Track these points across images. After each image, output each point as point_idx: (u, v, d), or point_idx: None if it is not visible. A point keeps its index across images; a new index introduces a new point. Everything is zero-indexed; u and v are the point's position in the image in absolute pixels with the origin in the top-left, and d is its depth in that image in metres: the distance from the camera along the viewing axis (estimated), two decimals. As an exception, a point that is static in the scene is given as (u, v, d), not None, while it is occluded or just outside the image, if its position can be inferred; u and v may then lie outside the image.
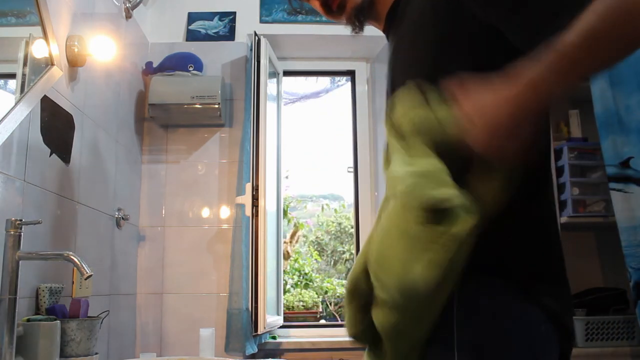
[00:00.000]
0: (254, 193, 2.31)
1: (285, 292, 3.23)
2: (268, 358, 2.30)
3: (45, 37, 1.54)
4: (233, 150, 2.51)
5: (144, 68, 2.46)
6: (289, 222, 3.68)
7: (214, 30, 2.62)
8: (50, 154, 1.57)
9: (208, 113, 2.40)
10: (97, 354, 1.52)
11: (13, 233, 1.24)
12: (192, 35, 2.61)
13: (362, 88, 2.85)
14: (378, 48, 2.70)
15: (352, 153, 2.81)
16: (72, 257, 1.24)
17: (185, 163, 2.50)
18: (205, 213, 2.47)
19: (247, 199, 2.32)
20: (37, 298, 1.47)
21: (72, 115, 1.72)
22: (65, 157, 1.67)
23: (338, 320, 3.03)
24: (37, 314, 1.44)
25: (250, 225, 2.31)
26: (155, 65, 2.45)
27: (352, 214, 3.00)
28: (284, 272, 3.09)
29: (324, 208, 4.14)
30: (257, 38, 2.46)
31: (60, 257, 1.28)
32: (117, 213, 2.13)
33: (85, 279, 1.31)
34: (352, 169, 2.79)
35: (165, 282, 2.40)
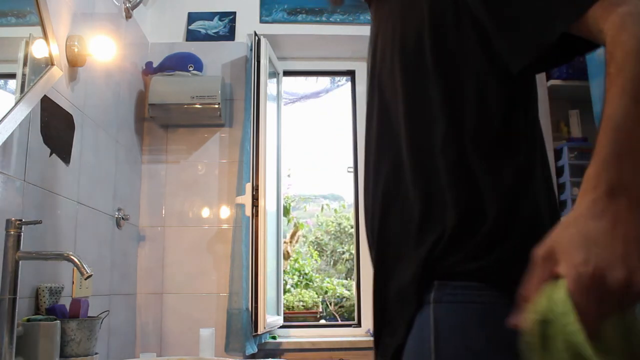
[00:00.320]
0: (254, 193, 2.31)
1: (285, 292, 3.23)
2: (268, 358, 2.30)
3: (45, 37, 1.54)
4: (233, 150, 2.51)
5: (144, 68, 2.46)
6: (289, 222, 3.67)
7: (214, 30, 2.62)
8: (50, 154, 1.57)
9: (208, 113, 2.40)
10: (97, 354, 1.52)
11: (13, 233, 1.24)
12: (192, 35, 2.61)
13: (362, 88, 2.85)
14: (378, 48, 2.70)
15: (352, 153, 2.81)
16: (72, 257, 1.24)
17: (185, 163, 2.50)
18: (205, 213, 2.47)
19: (247, 199, 2.32)
20: (37, 298, 1.47)
21: (72, 115, 1.72)
22: (65, 157, 1.67)
23: (338, 320, 3.03)
24: (37, 314, 1.44)
25: (250, 225, 2.31)
26: (155, 65, 2.45)
27: (352, 214, 3.00)
28: (284, 272, 3.09)
29: (324, 208, 4.14)
30: (257, 38, 2.46)
31: (60, 257, 1.28)
32: (117, 213, 2.13)
33: (85, 279, 1.31)
34: (352, 169, 2.79)
35: (165, 282, 2.40)
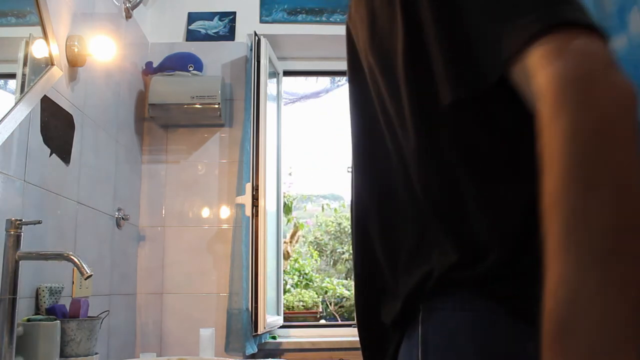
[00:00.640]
0: (254, 193, 2.31)
1: (285, 292, 3.23)
2: (268, 358, 2.30)
3: (45, 37, 1.54)
4: (233, 150, 2.51)
5: (144, 68, 2.46)
6: (289, 221, 3.67)
7: (214, 30, 2.62)
8: (50, 154, 1.57)
9: (208, 113, 2.40)
10: (97, 354, 1.52)
11: (13, 233, 1.24)
12: (192, 35, 2.61)
13: (362, 88, 2.84)
14: (378, 48, 2.70)
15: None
16: (72, 257, 1.24)
17: (185, 163, 2.50)
18: (205, 213, 2.47)
19: (247, 199, 2.32)
20: (37, 298, 1.47)
21: (72, 115, 1.72)
22: (65, 157, 1.67)
23: (338, 320, 3.03)
24: (37, 314, 1.44)
25: (250, 225, 2.31)
26: (155, 65, 2.45)
27: (352, 214, 2.99)
28: (284, 272, 3.08)
29: (324, 208, 4.14)
30: (257, 38, 2.46)
31: (60, 257, 1.28)
32: (117, 213, 2.13)
33: (85, 279, 1.31)
34: (352, 169, 2.79)
35: (165, 282, 2.40)
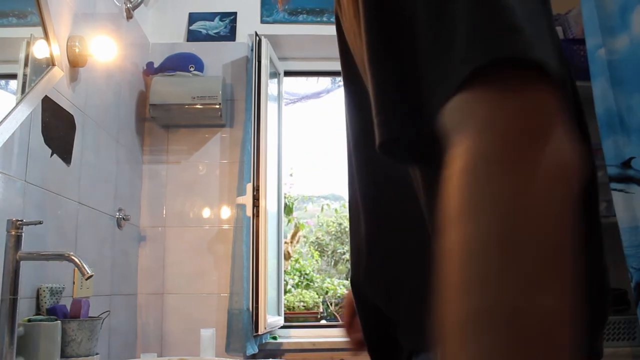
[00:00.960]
0: (255, 193, 2.31)
1: (286, 292, 3.22)
2: (269, 358, 2.30)
3: (46, 37, 1.54)
4: (234, 151, 2.51)
5: (145, 68, 2.46)
6: (290, 222, 3.67)
7: (215, 31, 2.62)
8: (51, 155, 1.57)
9: (209, 113, 2.40)
10: (97, 355, 1.52)
11: (14, 233, 1.25)
12: (193, 36, 2.61)
13: (363, 88, 2.84)
14: (379, 48, 2.69)
15: (352, 153, 2.80)
16: (72, 257, 1.24)
17: (186, 163, 2.50)
18: (206, 213, 2.47)
19: (247, 200, 2.32)
20: (37, 298, 1.47)
21: (73, 116, 1.72)
22: (66, 157, 1.67)
23: (339, 321, 3.03)
24: (37, 314, 1.44)
25: (251, 226, 2.31)
26: (156, 66, 2.45)
27: (352, 214, 2.99)
28: (285, 272, 3.08)
29: (325, 208, 4.14)
30: (258, 38, 2.46)
31: (61, 257, 1.28)
32: (118, 213, 2.13)
33: (86, 279, 1.31)
34: (352, 169, 2.79)
35: (166, 282, 2.40)
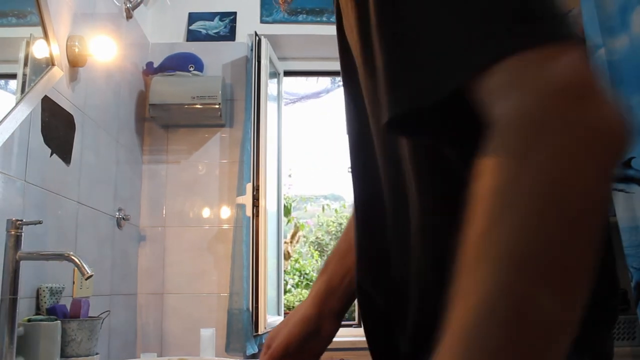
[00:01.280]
0: (255, 193, 2.31)
1: (286, 292, 3.23)
2: (269, 358, 2.30)
3: (46, 37, 1.54)
4: (233, 151, 2.51)
5: (145, 68, 2.46)
6: (289, 222, 3.67)
7: (215, 31, 2.61)
8: (51, 154, 1.57)
9: (208, 113, 2.40)
10: (97, 354, 1.51)
11: (14, 233, 1.24)
12: (192, 36, 2.61)
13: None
14: (379, 48, 2.69)
15: (352, 153, 2.79)
16: (72, 257, 1.24)
17: (186, 163, 2.50)
18: (206, 213, 2.47)
19: (247, 199, 2.32)
20: (37, 298, 1.47)
21: (72, 116, 1.72)
22: (66, 157, 1.67)
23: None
24: (37, 314, 1.44)
25: (251, 226, 2.31)
26: (156, 66, 2.45)
27: (352, 214, 2.99)
28: (285, 272, 3.08)
29: (325, 208, 4.14)
30: (257, 38, 2.46)
31: (61, 257, 1.28)
32: (117, 213, 2.13)
33: (86, 279, 1.31)
34: (352, 169, 2.78)
35: (166, 282, 2.39)
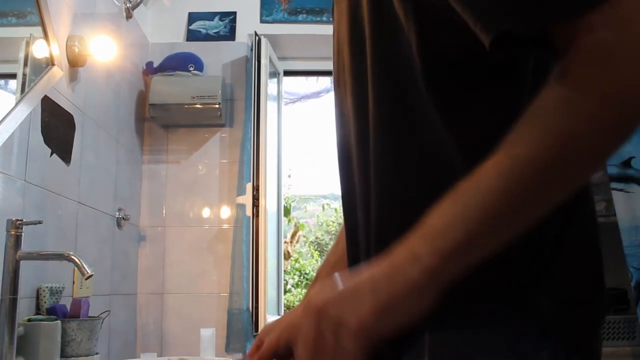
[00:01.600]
0: (255, 193, 2.31)
1: (286, 292, 3.23)
2: (269, 358, 2.30)
3: (46, 37, 1.54)
4: (233, 150, 2.51)
5: (145, 68, 2.46)
6: (290, 222, 3.67)
7: (215, 30, 2.61)
8: (51, 154, 1.57)
9: (208, 113, 2.40)
10: (97, 354, 1.51)
11: (14, 233, 1.24)
12: (192, 35, 2.61)
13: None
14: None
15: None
16: (72, 257, 1.24)
17: (186, 163, 2.50)
18: (206, 213, 2.47)
19: (247, 199, 2.32)
20: (37, 298, 1.47)
21: (72, 116, 1.72)
22: (66, 157, 1.67)
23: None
24: (37, 314, 1.44)
25: (251, 225, 2.31)
26: (156, 65, 2.45)
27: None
28: (285, 272, 3.08)
29: (325, 208, 4.14)
30: (257, 38, 2.46)
31: (61, 257, 1.28)
32: (117, 213, 2.13)
33: (86, 279, 1.31)
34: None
35: (166, 282, 2.40)
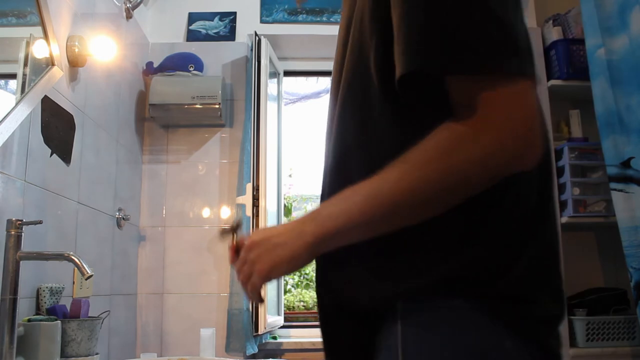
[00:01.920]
0: (255, 193, 2.31)
1: (286, 292, 3.23)
2: (268, 358, 2.30)
3: (46, 37, 1.54)
4: (233, 151, 2.51)
5: (145, 68, 2.46)
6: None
7: (215, 31, 2.62)
8: (51, 154, 1.57)
9: (208, 113, 2.40)
10: (97, 354, 1.52)
11: (14, 233, 1.24)
12: (192, 36, 2.61)
13: (362, 88, 2.84)
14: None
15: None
16: (72, 257, 1.24)
17: (186, 163, 2.50)
18: (206, 213, 2.47)
19: (247, 199, 2.32)
20: (37, 298, 1.47)
21: (72, 116, 1.72)
22: (66, 157, 1.67)
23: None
24: (37, 314, 1.44)
25: (251, 226, 2.31)
26: (156, 66, 2.45)
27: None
28: (285, 272, 3.08)
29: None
30: (257, 38, 2.46)
31: (61, 257, 1.28)
32: (117, 213, 2.13)
33: (86, 279, 1.31)
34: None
35: (166, 282, 2.40)
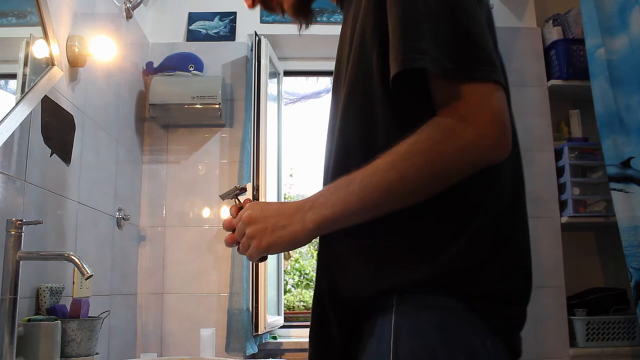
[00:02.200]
0: (255, 193, 2.31)
1: (286, 292, 3.23)
2: (269, 358, 2.30)
3: (46, 37, 1.54)
4: (233, 151, 2.51)
5: (145, 68, 2.46)
6: (290, 222, 3.67)
7: (215, 30, 2.62)
8: (51, 154, 1.57)
9: (208, 113, 2.40)
10: (97, 354, 1.52)
11: (14, 233, 1.24)
12: (192, 36, 2.61)
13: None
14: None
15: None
16: (72, 257, 1.24)
17: (186, 163, 2.50)
18: (206, 213, 2.47)
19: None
20: (37, 298, 1.47)
21: (72, 116, 1.72)
22: (66, 157, 1.67)
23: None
24: (37, 314, 1.44)
25: (251, 226, 2.30)
26: (156, 66, 2.45)
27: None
28: (285, 272, 3.08)
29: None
30: (257, 38, 2.46)
31: (61, 257, 1.28)
32: (117, 213, 2.13)
33: (86, 279, 1.31)
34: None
35: (166, 282, 2.40)
